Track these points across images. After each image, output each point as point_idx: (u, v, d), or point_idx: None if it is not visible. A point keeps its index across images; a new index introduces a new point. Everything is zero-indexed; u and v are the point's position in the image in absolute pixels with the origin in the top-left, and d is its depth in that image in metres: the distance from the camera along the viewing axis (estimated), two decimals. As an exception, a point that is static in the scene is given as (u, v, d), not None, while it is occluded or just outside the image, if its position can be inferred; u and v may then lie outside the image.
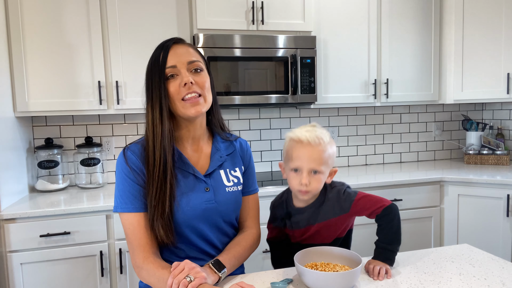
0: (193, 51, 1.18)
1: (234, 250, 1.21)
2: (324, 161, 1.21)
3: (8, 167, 2.16)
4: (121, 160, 1.15)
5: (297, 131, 1.24)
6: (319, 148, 1.20)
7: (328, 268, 1.14)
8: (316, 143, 1.20)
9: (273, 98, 2.51)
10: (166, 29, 2.41)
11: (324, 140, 1.22)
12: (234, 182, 1.25)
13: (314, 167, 1.20)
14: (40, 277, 2.02)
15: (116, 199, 1.15)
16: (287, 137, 1.26)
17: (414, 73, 2.88)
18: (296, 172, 1.22)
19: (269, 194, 2.30)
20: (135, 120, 2.73)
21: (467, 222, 2.57)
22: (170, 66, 1.11)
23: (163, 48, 1.14)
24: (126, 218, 1.13)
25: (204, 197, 1.18)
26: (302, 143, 1.20)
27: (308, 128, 1.24)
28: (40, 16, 2.23)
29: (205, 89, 1.15)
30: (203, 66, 1.17)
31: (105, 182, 2.63)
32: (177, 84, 1.12)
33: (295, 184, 1.22)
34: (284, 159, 1.28)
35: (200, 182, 1.18)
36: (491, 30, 2.72)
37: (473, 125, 3.15)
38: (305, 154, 1.20)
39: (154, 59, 1.14)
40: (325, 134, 1.24)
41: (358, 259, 1.13)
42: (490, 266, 1.22)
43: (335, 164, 1.28)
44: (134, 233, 1.12)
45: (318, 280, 1.05)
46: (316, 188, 1.23)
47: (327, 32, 2.68)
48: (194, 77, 1.13)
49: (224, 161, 1.25)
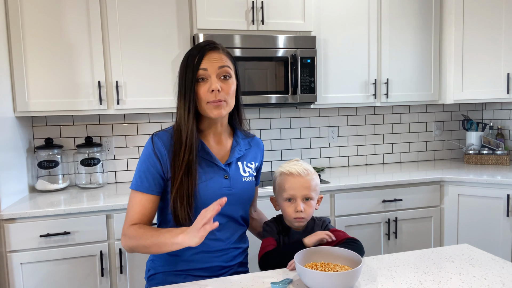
0: (225, 57, 1.28)
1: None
2: (313, 188, 1.37)
3: (8, 167, 2.16)
4: (148, 145, 1.27)
5: (286, 166, 1.39)
6: (308, 177, 1.36)
7: (328, 268, 1.14)
8: (305, 173, 1.36)
9: (273, 98, 2.51)
10: (166, 29, 2.41)
11: (311, 171, 1.39)
12: (250, 173, 1.38)
13: (306, 194, 1.35)
14: (40, 277, 2.02)
15: (134, 176, 1.28)
16: (277, 173, 1.42)
17: (414, 73, 2.88)
18: (290, 201, 1.36)
19: (269, 194, 2.30)
20: (135, 120, 2.73)
21: (467, 222, 2.57)
22: (202, 69, 1.23)
23: (200, 51, 1.24)
24: (133, 195, 1.26)
25: (224, 183, 1.30)
26: (293, 175, 1.36)
27: (294, 162, 1.41)
28: (40, 16, 2.23)
29: (229, 95, 1.26)
30: (231, 73, 1.28)
31: (105, 182, 2.63)
32: (206, 89, 1.23)
33: (291, 212, 1.36)
34: (277, 192, 1.42)
35: (220, 170, 1.30)
36: (491, 30, 2.72)
37: (473, 125, 3.15)
38: (297, 184, 1.35)
39: (188, 60, 1.25)
40: (310, 166, 1.42)
41: (358, 259, 1.13)
42: (490, 266, 1.22)
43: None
44: (132, 208, 1.25)
45: (318, 280, 1.05)
46: (310, 214, 1.37)
47: (327, 32, 2.68)
48: (221, 84, 1.24)
49: (242, 155, 1.38)
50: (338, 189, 2.43)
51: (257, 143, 1.46)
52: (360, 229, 2.48)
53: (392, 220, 2.53)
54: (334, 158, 3.12)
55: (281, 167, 1.41)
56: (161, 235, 1.15)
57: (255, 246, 2.27)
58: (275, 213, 1.48)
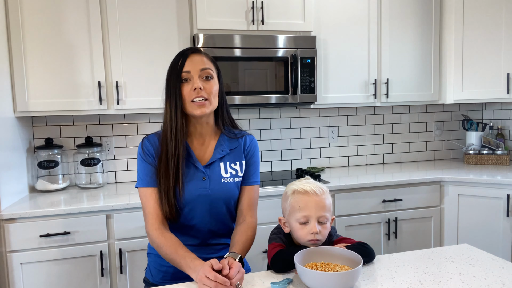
0: (207, 60, 1.36)
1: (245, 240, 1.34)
2: (328, 208, 1.29)
3: (8, 167, 2.16)
4: (139, 147, 1.39)
5: (299, 184, 1.32)
6: (323, 196, 1.29)
7: (328, 268, 1.14)
8: (320, 192, 1.29)
9: (273, 98, 2.51)
10: (166, 29, 2.41)
11: (325, 189, 1.31)
12: (232, 174, 1.40)
13: (322, 215, 1.27)
14: (40, 277, 2.02)
15: (137, 177, 1.39)
16: (289, 191, 1.33)
17: (414, 73, 2.88)
18: (303, 224, 1.27)
19: (269, 194, 2.30)
20: (135, 120, 2.73)
21: (467, 222, 2.57)
22: (185, 71, 1.32)
23: (182, 55, 1.34)
24: (141, 191, 1.36)
25: (200, 184, 1.36)
26: (308, 193, 1.28)
27: (305, 181, 1.33)
28: (40, 16, 2.23)
29: (212, 95, 1.34)
30: (213, 74, 1.36)
31: (105, 182, 2.63)
32: (189, 88, 1.32)
33: (305, 235, 1.26)
34: (289, 212, 1.31)
35: (199, 172, 1.37)
36: (491, 30, 2.72)
37: (473, 125, 3.15)
38: (312, 203, 1.27)
39: (173, 64, 1.34)
40: (323, 185, 1.34)
41: (358, 259, 1.13)
42: (490, 266, 1.22)
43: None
44: (145, 203, 1.34)
45: (318, 280, 1.05)
46: (325, 236, 1.29)
47: (327, 32, 2.68)
48: (203, 83, 1.33)
49: (225, 155, 1.41)
50: (338, 189, 2.43)
51: (244, 141, 1.46)
52: (360, 229, 2.48)
53: (392, 220, 2.53)
54: (334, 158, 3.12)
55: (294, 184, 1.34)
56: (177, 259, 1.23)
57: (256, 246, 2.27)
58: (275, 213, 1.48)
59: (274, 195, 2.31)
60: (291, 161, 3.03)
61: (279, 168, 3.00)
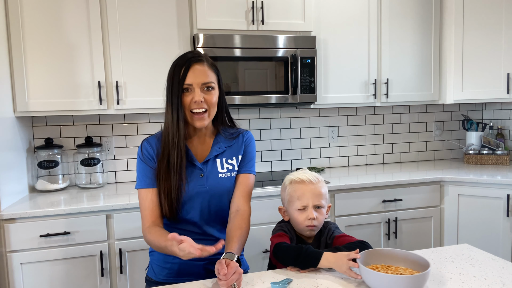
0: (209, 70, 1.37)
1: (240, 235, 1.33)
2: (323, 196, 1.38)
3: (8, 167, 2.16)
4: (139, 150, 1.42)
5: (296, 174, 1.41)
6: (318, 185, 1.38)
7: (390, 271, 1.13)
8: (316, 181, 1.38)
9: (273, 98, 2.51)
10: (166, 29, 2.41)
11: (320, 178, 1.41)
12: (229, 169, 1.44)
13: (318, 202, 1.36)
14: (40, 277, 2.02)
15: (136, 178, 1.42)
16: (287, 181, 1.43)
17: (414, 73, 2.88)
18: (301, 210, 1.36)
19: (269, 194, 2.30)
20: (135, 120, 2.73)
21: (467, 222, 2.57)
22: (187, 84, 1.33)
23: (185, 64, 1.34)
24: (140, 193, 1.39)
25: (199, 181, 1.39)
26: (304, 182, 1.37)
27: (302, 171, 1.43)
28: (40, 16, 2.23)
29: (212, 105, 1.37)
30: (214, 85, 1.38)
31: (105, 182, 2.63)
32: (189, 99, 1.34)
33: (303, 220, 1.35)
34: (287, 201, 1.41)
35: (196, 169, 1.40)
36: (491, 30, 2.72)
37: (473, 125, 3.15)
38: (308, 191, 1.36)
39: (175, 71, 1.34)
40: (318, 174, 1.43)
41: (424, 262, 1.10)
42: (490, 266, 1.22)
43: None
44: (143, 206, 1.38)
45: (386, 283, 1.04)
46: (321, 222, 1.38)
47: (327, 32, 2.68)
48: (204, 95, 1.35)
49: (222, 152, 1.44)
50: (338, 189, 2.43)
51: (241, 137, 1.49)
52: (360, 229, 2.48)
53: (392, 220, 2.53)
54: (334, 158, 3.12)
55: (291, 175, 1.43)
56: (162, 243, 1.24)
57: (256, 246, 2.28)
58: (275, 213, 1.48)
59: (274, 195, 2.31)
60: (291, 161, 3.03)
61: (279, 168, 3.01)
